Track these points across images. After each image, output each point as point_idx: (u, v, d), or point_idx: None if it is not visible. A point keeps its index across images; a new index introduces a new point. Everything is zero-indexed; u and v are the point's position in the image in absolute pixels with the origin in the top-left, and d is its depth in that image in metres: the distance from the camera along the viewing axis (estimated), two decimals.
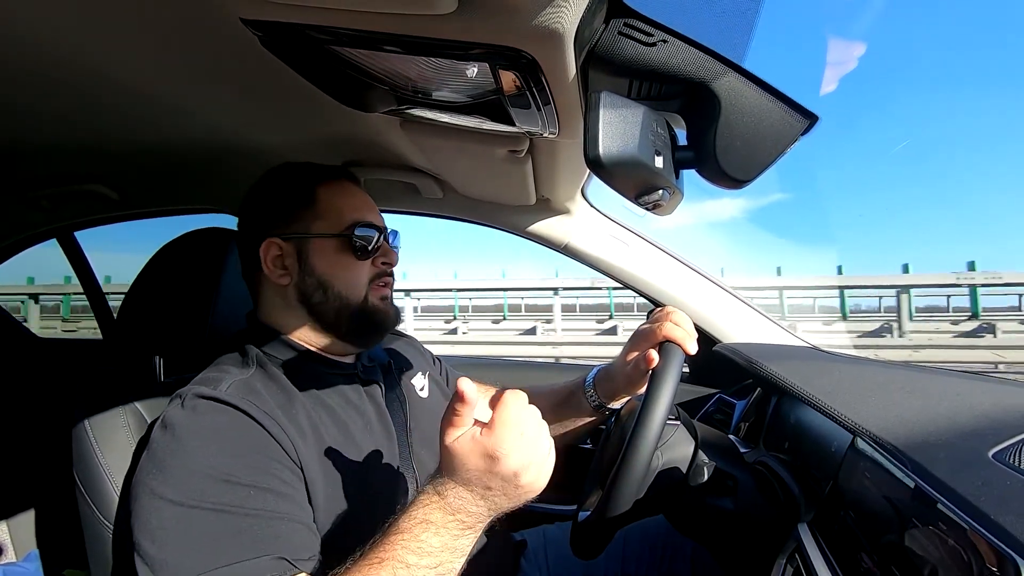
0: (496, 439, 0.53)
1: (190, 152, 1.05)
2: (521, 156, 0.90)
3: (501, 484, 0.54)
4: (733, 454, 0.78)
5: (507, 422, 0.53)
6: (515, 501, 0.56)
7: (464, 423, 0.54)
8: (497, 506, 0.55)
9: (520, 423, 0.54)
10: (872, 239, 68.15)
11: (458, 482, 0.54)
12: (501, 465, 0.53)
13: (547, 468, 0.56)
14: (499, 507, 0.56)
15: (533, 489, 0.55)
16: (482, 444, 0.53)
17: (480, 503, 0.55)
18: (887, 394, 0.73)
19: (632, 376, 0.84)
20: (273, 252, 0.74)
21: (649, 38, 0.50)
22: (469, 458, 0.53)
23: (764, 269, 23.46)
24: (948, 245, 72.59)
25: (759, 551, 0.72)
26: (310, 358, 0.76)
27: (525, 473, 0.54)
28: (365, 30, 0.51)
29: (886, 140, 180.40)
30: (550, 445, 0.57)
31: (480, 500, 0.54)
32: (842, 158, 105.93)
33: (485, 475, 0.53)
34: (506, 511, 0.57)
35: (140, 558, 0.55)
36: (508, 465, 0.53)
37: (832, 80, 2.55)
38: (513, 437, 0.53)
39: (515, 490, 0.54)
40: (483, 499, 0.55)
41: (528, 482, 0.54)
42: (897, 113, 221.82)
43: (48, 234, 1.59)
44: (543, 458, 0.55)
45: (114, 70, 0.70)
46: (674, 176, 0.54)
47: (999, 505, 0.44)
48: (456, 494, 0.54)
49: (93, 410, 0.79)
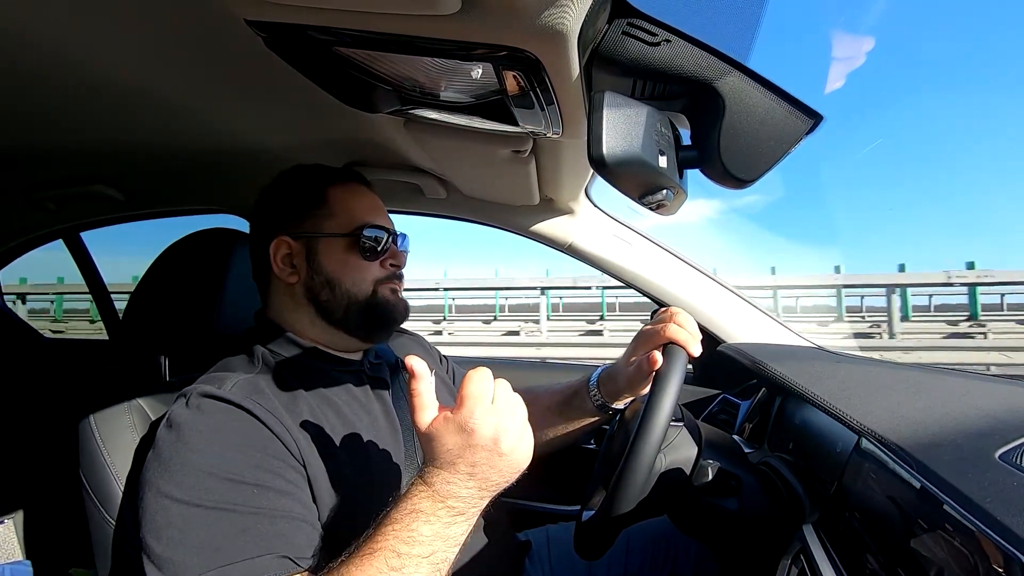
0: (466, 412, 0.54)
1: (195, 153, 1.06)
2: (525, 156, 0.90)
3: (485, 456, 0.54)
4: (737, 455, 0.78)
5: (473, 394, 0.54)
6: (505, 474, 0.56)
7: (427, 401, 0.56)
8: (488, 483, 0.56)
9: (486, 393, 0.55)
10: (859, 238, 67.77)
11: (442, 467, 0.55)
12: (476, 437, 0.54)
13: (526, 434, 0.57)
14: (490, 483, 0.56)
15: (517, 457, 0.56)
16: (453, 421, 0.54)
17: (469, 484, 0.55)
18: (892, 395, 0.72)
19: (635, 377, 0.84)
20: (283, 251, 0.75)
21: (653, 38, 0.50)
22: (445, 438, 0.54)
23: (748, 268, 23.30)
24: (930, 244, 72.26)
25: (763, 552, 0.72)
26: (317, 356, 0.76)
27: (503, 439, 0.54)
28: (369, 31, 0.51)
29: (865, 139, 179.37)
30: (523, 411, 0.58)
31: (468, 480, 0.55)
32: (836, 156, 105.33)
33: (466, 451, 0.54)
34: (500, 488, 0.57)
35: (146, 556, 0.56)
36: (483, 433, 0.54)
37: (838, 77, 2.52)
38: (482, 407, 0.54)
39: (499, 459, 0.55)
40: (471, 478, 0.55)
41: (509, 448, 0.55)
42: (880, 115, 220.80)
43: (54, 235, 1.60)
44: (519, 424, 0.56)
45: (120, 72, 0.71)
46: (678, 176, 0.54)
47: (1005, 506, 0.44)
48: (443, 479, 0.55)
49: (99, 410, 0.79)
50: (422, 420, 0.56)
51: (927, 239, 73.13)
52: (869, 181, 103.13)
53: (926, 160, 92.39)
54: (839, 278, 10.12)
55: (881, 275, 9.58)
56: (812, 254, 36.39)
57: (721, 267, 13.01)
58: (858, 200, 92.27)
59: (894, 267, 9.67)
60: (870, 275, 10.97)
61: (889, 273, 9.46)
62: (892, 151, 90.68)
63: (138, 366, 0.87)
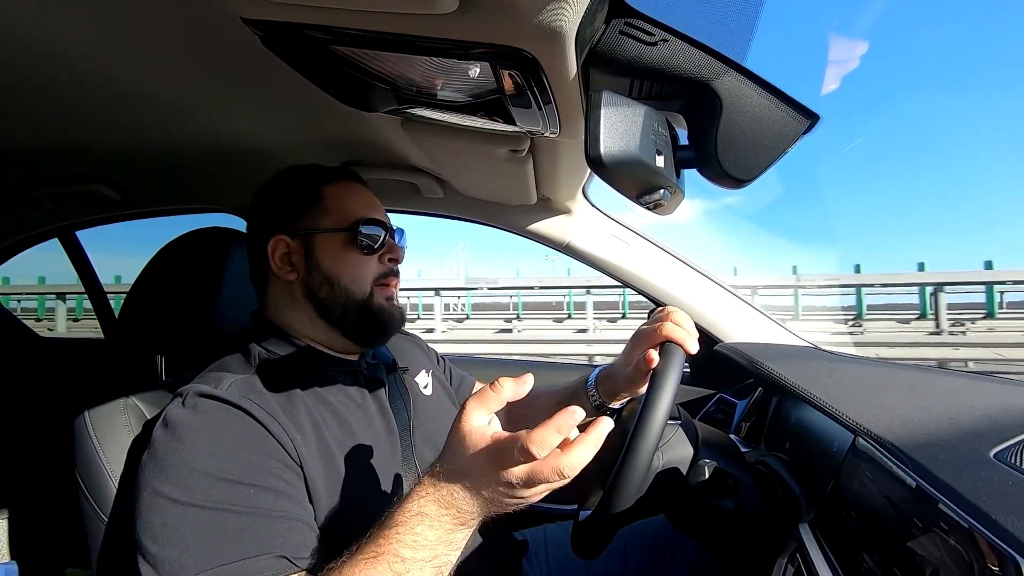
0: (519, 478, 0.49)
1: (191, 152, 1.05)
2: (522, 155, 0.90)
3: (499, 491, 0.51)
4: (734, 454, 0.78)
5: (538, 440, 0.49)
6: (509, 507, 0.53)
7: (488, 404, 0.53)
8: (487, 507, 0.53)
9: (551, 439, 0.50)
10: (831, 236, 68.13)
11: (454, 472, 0.53)
12: (503, 475, 0.50)
13: (545, 491, 0.53)
14: (488, 510, 0.53)
15: (524, 502, 0.53)
16: (497, 447, 0.50)
17: (471, 501, 0.53)
18: (888, 394, 0.73)
19: (633, 376, 0.84)
20: (280, 249, 0.75)
21: (650, 37, 0.50)
22: (475, 454, 0.51)
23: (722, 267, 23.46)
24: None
25: (760, 551, 0.72)
26: (313, 356, 0.76)
27: (525, 488, 0.51)
28: (366, 30, 0.51)
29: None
30: (565, 480, 0.52)
31: (471, 498, 0.53)
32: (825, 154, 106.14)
33: (485, 475, 0.51)
34: (500, 512, 0.54)
35: (142, 556, 0.55)
36: (513, 474, 0.50)
37: (834, 79, 2.53)
38: (535, 490, 0.50)
39: (508, 500, 0.52)
40: (474, 497, 0.53)
41: (524, 495, 0.52)
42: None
43: (50, 233, 1.59)
44: (536, 495, 0.52)
45: (115, 70, 0.70)
46: (675, 175, 0.54)
47: (1000, 505, 0.44)
48: (449, 488, 0.53)
49: (95, 410, 0.79)
50: (472, 418, 0.53)
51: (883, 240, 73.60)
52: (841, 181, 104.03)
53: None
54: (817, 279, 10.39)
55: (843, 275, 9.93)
56: (771, 256, 36.73)
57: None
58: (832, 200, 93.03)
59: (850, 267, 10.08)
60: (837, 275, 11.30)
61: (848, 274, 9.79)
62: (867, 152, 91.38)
63: (134, 365, 0.87)
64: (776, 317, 1.25)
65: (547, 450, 0.49)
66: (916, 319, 10.16)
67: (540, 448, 0.48)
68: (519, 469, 0.49)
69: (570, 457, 0.49)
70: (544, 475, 0.49)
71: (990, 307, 10.02)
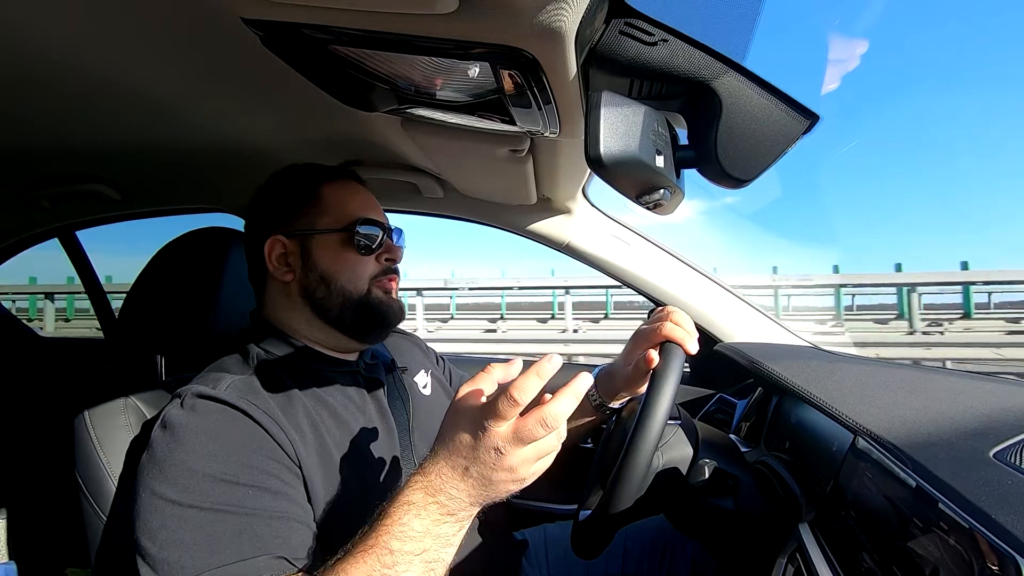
0: (505, 438, 0.50)
1: (191, 152, 1.05)
2: (522, 155, 0.90)
3: (486, 466, 0.51)
4: (734, 454, 0.78)
5: (527, 436, 0.50)
6: (498, 492, 0.53)
7: (479, 385, 0.53)
8: (476, 491, 0.52)
9: (539, 447, 0.51)
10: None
11: (443, 450, 0.53)
12: (487, 438, 0.50)
13: (536, 468, 0.54)
14: (479, 495, 0.53)
15: (511, 484, 0.53)
16: (481, 410, 0.51)
17: (460, 485, 0.52)
18: (888, 394, 0.73)
19: (633, 376, 0.84)
20: (277, 250, 0.75)
21: (650, 37, 0.50)
22: (463, 423, 0.52)
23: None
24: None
25: (760, 551, 0.72)
26: (312, 356, 0.76)
27: (508, 458, 0.51)
28: (366, 30, 0.51)
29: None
30: (552, 454, 0.55)
31: (460, 480, 0.52)
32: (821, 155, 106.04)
33: (470, 445, 0.51)
34: (489, 501, 0.54)
35: (141, 557, 0.55)
36: (497, 461, 0.50)
37: (834, 78, 2.53)
38: (523, 453, 0.51)
39: (495, 473, 0.52)
40: (463, 478, 0.52)
41: (509, 467, 0.51)
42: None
43: (49, 233, 1.59)
44: (532, 458, 0.53)
45: (115, 70, 0.70)
46: (675, 175, 0.54)
47: (1000, 504, 0.44)
48: (437, 471, 0.52)
49: (95, 410, 0.79)
50: (463, 396, 0.54)
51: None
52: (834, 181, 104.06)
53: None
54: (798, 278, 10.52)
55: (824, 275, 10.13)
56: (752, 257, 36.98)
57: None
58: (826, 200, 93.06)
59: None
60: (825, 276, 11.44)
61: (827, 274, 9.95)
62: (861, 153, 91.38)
63: (134, 366, 0.87)
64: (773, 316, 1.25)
65: (529, 395, 0.50)
66: (894, 319, 10.20)
67: (521, 393, 0.49)
68: (504, 428, 0.50)
69: (552, 407, 0.50)
70: (528, 428, 0.50)
71: (967, 307, 10.09)
